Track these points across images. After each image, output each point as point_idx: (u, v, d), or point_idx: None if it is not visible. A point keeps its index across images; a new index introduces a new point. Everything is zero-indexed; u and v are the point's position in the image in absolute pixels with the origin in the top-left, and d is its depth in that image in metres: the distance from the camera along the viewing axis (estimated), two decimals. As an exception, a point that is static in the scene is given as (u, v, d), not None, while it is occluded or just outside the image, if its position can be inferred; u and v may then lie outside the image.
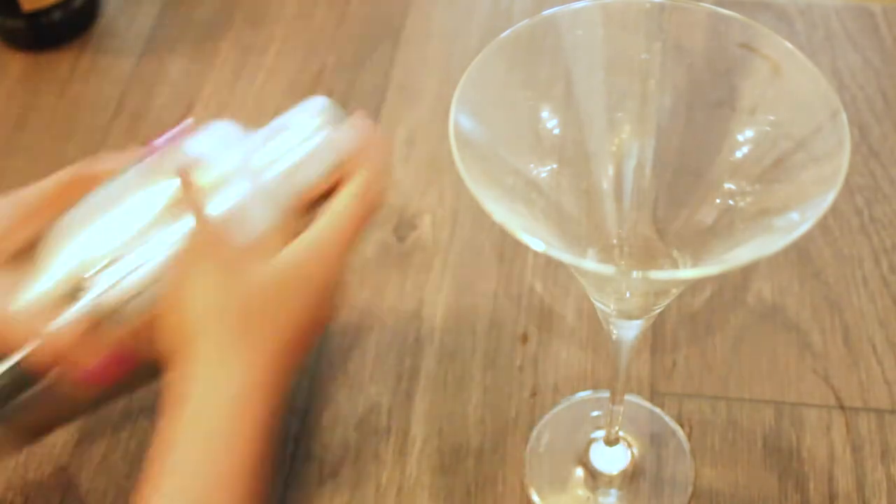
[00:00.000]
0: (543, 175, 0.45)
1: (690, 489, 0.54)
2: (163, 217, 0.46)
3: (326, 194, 0.48)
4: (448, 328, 0.61)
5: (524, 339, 0.61)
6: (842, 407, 0.57)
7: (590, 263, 0.44)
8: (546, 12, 0.44)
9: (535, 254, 0.64)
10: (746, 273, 0.63)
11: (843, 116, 0.40)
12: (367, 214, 0.47)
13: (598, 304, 0.46)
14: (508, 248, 0.65)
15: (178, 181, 0.46)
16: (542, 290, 0.63)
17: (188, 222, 0.46)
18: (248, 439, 0.44)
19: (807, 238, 0.58)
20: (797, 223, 0.38)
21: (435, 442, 0.57)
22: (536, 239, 0.38)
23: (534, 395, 0.58)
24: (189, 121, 0.49)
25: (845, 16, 0.78)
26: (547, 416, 0.57)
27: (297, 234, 0.46)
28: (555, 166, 0.45)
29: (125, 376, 0.47)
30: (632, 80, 0.46)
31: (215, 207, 0.46)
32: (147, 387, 0.50)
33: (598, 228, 0.46)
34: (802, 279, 0.63)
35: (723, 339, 0.61)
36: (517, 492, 0.55)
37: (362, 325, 0.62)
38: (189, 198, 0.45)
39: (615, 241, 0.47)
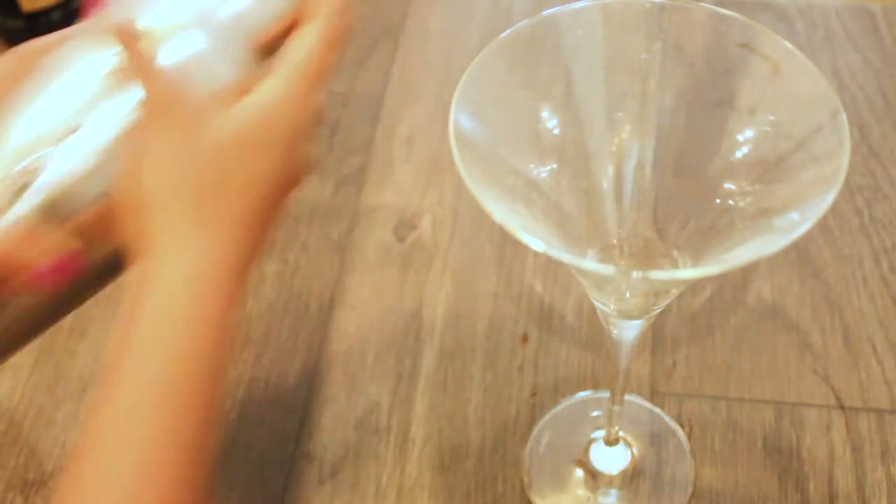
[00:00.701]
0: (543, 175, 0.45)
1: (690, 489, 0.54)
2: (109, 85, 0.41)
3: (285, 32, 0.43)
4: (448, 328, 0.61)
5: (524, 339, 0.61)
6: (842, 407, 0.57)
7: (590, 263, 0.44)
8: (546, 12, 0.44)
9: (535, 254, 0.64)
10: (746, 273, 0.63)
11: (843, 116, 0.40)
12: (332, 51, 0.42)
13: (598, 304, 0.46)
14: (508, 248, 0.65)
15: (119, 42, 0.41)
16: (542, 290, 0.63)
17: (135, 87, 0.41)
18: (214, 323, 0.39)
19: (807, 238, 0.58)
20: (797, 223, 0.38)
21: (435, 442, 0.57)
22: (536, 239, 0.38)
23: (534, 395, 0.58)
24: None
25: (845, 16, 0.78)
26: (547, 416, 0.57)
27: (257, 82, 0.42)
28: (555, 166, 0.45)
29: (82, 275, 0.42)
30: (632, 80, 0.46)
31: (163, 64, 0.41)
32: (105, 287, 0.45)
33: (598, 228, 0.46)
34: (802, 279, 0.63)
35: (723, 339, 0.61)
36: (517, 492, 0.55)
37: (362, 325, 0.62)
38: (133, 58, 0.41)
39: (615, 241, 0.47)
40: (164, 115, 0.40)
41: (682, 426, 0.57)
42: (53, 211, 0.41)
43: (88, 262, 0.42)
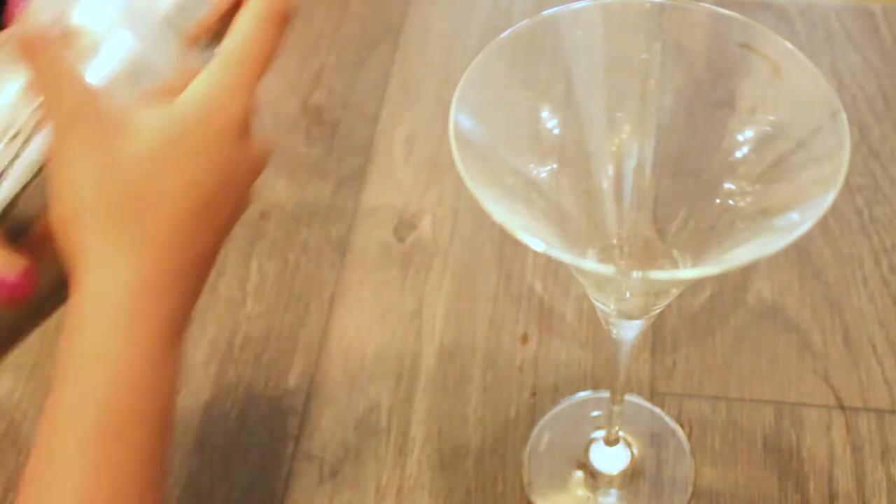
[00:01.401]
0: (543, 175, 0.45)
1: (690, 489, 0.54)
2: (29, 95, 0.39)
3: (227, 18, 0.40)
4: (448, 328, 0.61)
5: (524, 339, 0.61)
6: (842, 407, 0.57)
7: (590, 263, 0.44)
8: (546, 12, 0.44)
9: (535, 254, 0.64)
10: (746, 273, 0.63)
11: (843, 116, 0.40)
12: (273, 34, 0.39)
13: (598, 304, 0.46)
14: (508, 248, 0.65)
15: (24, 53, 0.38)
16: (542, 290, 0.63)
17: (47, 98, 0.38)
18: (143, 345, 0.37)
19: (807, 238, 0.58)
20: (797, 223, 0.38)
21: (435, 442, 0.57)
22: (536, 239, 0.38)
23: (534, 395, 0.58)
24: None
25: (845, 16, 0.78)
26: (547, 416, 0.57)
27: (192, 77, 0.38)
28: (555, 166, 0.45)
29: (34, 293, 0.41)
30: (632, 80, 0.46)
31: (77, 72, 0.38)
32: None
33: (598, 228, 0.46)
34: (802, 279, 0.63)
35: (723, 339, 0.61)
36: (517, 492, 0.55)
37: (362, 325, 0.62)
38: (41, 69, 0.37)
39: (615, 241, 0.47)
40: (79, 127, 0.37)
41: (682, 426, 0.57)
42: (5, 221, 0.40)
43: (39, 279, 0.41)
